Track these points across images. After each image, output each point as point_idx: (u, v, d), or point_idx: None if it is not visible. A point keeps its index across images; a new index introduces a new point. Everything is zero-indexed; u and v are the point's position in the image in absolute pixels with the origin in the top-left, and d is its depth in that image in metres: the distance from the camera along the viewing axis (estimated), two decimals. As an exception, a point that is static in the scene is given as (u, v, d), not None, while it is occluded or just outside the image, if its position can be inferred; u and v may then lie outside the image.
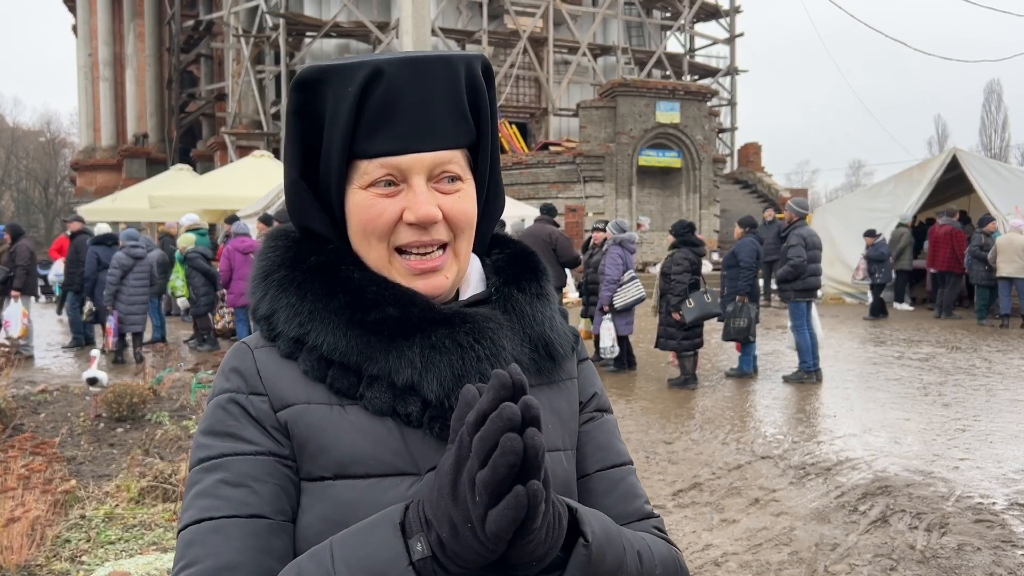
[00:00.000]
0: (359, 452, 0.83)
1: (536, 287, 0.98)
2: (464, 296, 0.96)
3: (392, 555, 0.70)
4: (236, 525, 0.80)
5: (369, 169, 0.87)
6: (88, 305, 10.86)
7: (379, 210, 0.87)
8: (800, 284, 8.40)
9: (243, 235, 10.41)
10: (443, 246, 0.89)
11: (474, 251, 0.99)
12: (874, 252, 14.14)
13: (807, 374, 8.45)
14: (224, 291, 10.96)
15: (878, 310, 14.16)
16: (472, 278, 0.97)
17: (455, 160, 0.89)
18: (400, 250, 0.89)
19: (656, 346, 8.45)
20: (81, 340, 11.47)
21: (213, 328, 11.17)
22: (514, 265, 0.99)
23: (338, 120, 0.86)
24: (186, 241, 11.34)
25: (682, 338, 8.04)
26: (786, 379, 8.53)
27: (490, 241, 1.03)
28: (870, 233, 14.27)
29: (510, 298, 0.94)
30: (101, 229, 11.47)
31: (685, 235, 8.19)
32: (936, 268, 14.12)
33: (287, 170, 0.93)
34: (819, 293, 8.81)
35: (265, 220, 10.82)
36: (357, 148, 0.87)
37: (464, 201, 0.90)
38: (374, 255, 0.89)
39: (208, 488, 0.82)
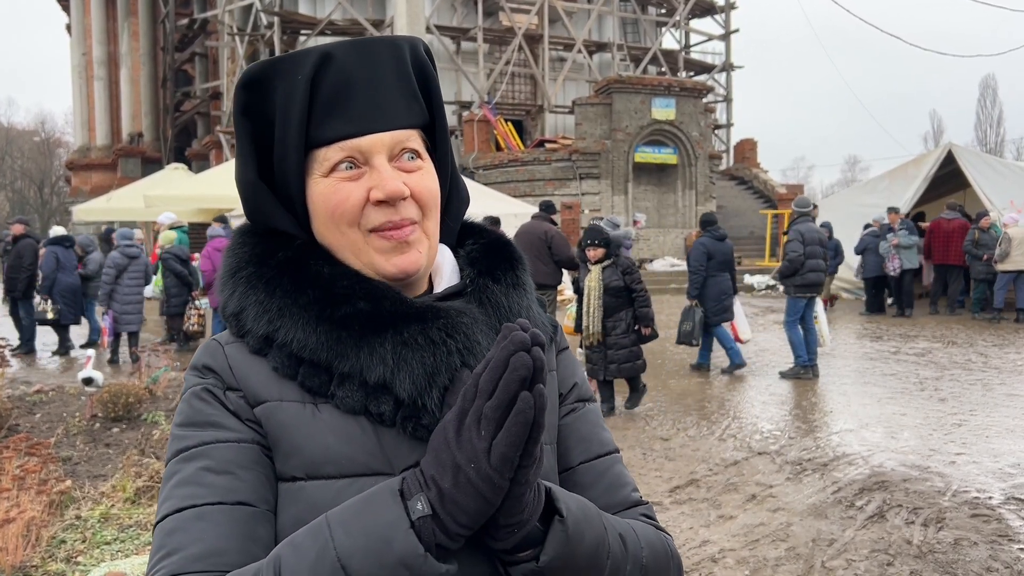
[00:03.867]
0: (332, 452, 0.81)
1: (512, 277, 0.96)
2: (438, 289, 0.94)
3: (393, 518, 0.69)
4: (222, 511, 0.78)
5: (329, 155, 0.86)
6: (48, 304, 10.66)
7: (345, 194, 0.85)
8: (798, 279, 8.42)
9: (219, 236, 10.35)
10: (413, 224, 0.88)
11: (445, 243, 0.98)
12: (858, 245, 14.13)
13: (803, 369, 8.46)
14: (196, 292, 10.94)
15: (874, 306, 14.17)
16: (445, 270, 0.96)
17: (412, 138, 0.88)
18: (372, 231, 0.87)
19: (622, 375, 6.77)
20: (30, 346, 11.24)
21: (182, 329, 11.00)
22: (488, 255, 0.97)
23: (292, 110, 0.85)
24: (167, 239, 11.23)
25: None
26: (783, 375, 8.54)
27: (463, 231, 1.01)
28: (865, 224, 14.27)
29: (485, 289, 0.93)
30: (57, 232, 11.44)
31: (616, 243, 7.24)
32: (948, 262, 13.94)
33: (241, 172, 0.91)
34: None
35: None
36: (314, 136, 0.86)
37: (427, 178, 0.89)
38: (347, 241, 0.87)
39: (190, 476, 0.80)
